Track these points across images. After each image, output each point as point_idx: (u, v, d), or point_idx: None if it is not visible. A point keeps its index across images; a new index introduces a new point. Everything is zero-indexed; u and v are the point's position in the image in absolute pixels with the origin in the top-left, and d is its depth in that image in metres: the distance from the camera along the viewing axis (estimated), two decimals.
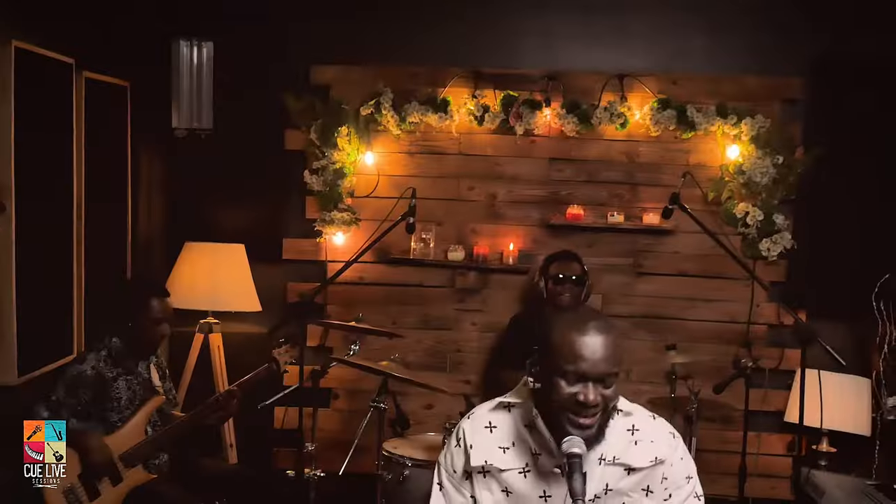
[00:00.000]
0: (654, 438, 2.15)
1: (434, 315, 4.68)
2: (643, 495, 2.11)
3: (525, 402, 2.14)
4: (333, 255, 4.64)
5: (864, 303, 4.25)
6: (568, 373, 1.96)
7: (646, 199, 4.61)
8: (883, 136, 4.31)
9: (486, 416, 2.17)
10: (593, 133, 4.56)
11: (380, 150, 4.63)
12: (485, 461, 2.10)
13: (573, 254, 4.30)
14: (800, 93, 4.51)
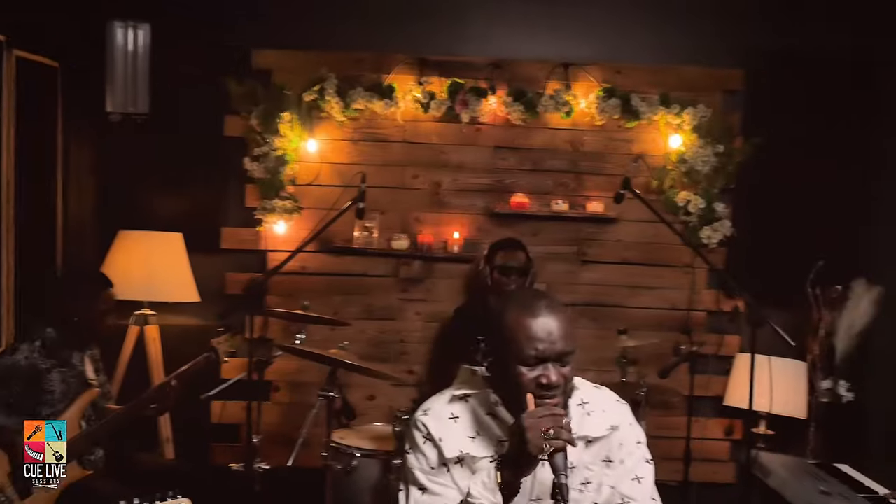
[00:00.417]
0: (604, 408, 2.17)
1: (378, 305, 4.62)
2: (604, 467, 2.11)
3: (481, 392, 2.12)
4: (274, 244, 4.53)
5: (800, 289, 4.35)
6: (528, 357, 1.96)
7: (590, 188, 4.63)
8: (818, 126, 4.41)
9: (445, 408, 2.13)
10: (538, 121, 4.56)
11: (323, 138, 4.54)
12: (460, 451, 2.06)
13: (518, 242, 4.30)
14: (740, 84, 4.59)
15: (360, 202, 3.67)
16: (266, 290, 3.49)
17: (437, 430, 2.08)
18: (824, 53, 4.43)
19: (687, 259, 4.61)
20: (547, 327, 1.96)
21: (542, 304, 2.00)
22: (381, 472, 3.59)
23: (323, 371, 4.33)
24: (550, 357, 1.96)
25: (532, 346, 1.95)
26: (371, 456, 3.61)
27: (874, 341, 4.29)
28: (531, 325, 1.96)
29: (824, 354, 4.41)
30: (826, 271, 4.32)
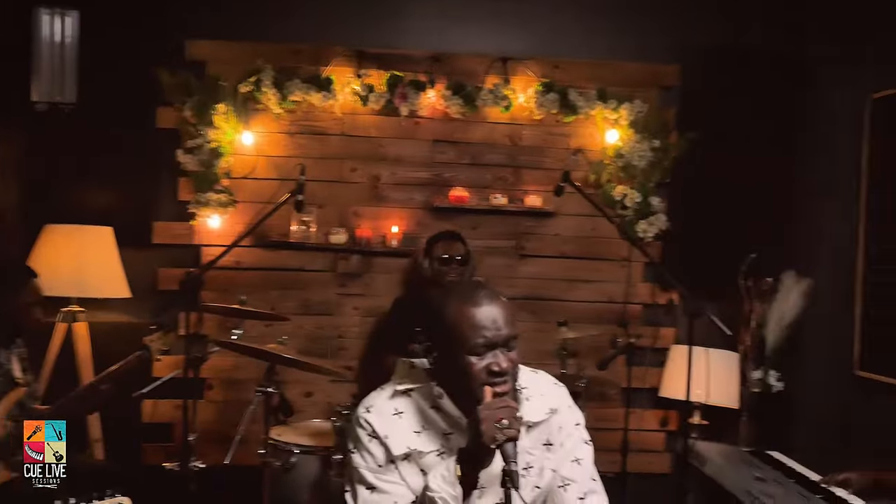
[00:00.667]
0: (542, 392, 2.18)
1: (315, 300, 4.56)
2: (545, 451, 2.11)
3: (423, 386, 2.10)
4: (208, 238, 4.44)
5: (733, 281, 4.44)
6: (476, 346, 1.95)
7: (528, 182, 4.65)
8: (751, 122, 4.50)
9: (388, 404, 2.10)
10: (477, 115, 4.56)
11: (259, 130, 4.47)
12: (407, 447, 2.03)
13: (457, 234, 4.28)
14: (675, 79, 4.66)
15: (298, 195, 3.60)
16: (202, 284, 3.39)
17: (381, 427, 2.05)
18: (758, 50, 4.53)
19: (623, 253, 4.66)
20: (491, 315, 1.97)
21: (482, 293, 2.01)
22: (320, 468, 3.54)
23: (259, 368, 4.26)
24: (498, 343, 1.96)
25: (479, 335, 1.95)
26: (310, 452, 3.56)
27: (803, 332, 4.40)
28: (475, 314, 1.97)
29: (755, 345, 4.51)
30: (758, 264, 4.41)
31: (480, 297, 1.99)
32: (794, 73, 4.54)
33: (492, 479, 1.98)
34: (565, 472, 2.13)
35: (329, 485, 3.52)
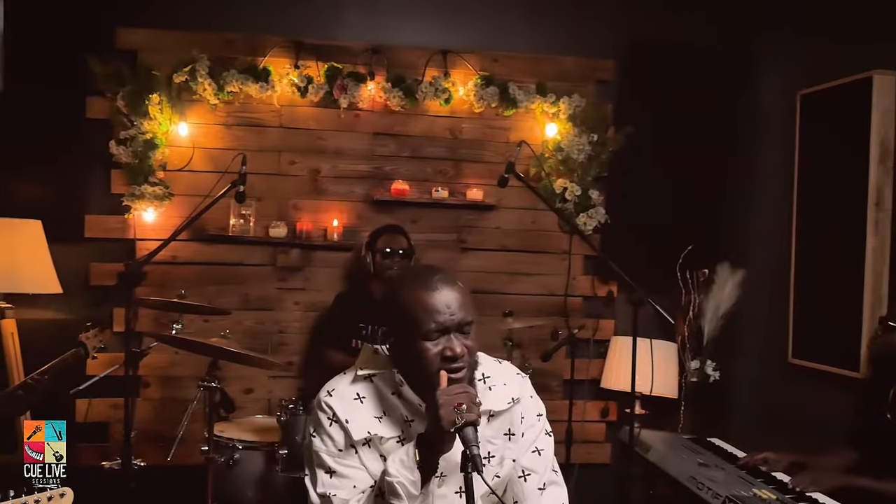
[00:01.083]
0: (505, 381, 2.18)
1: (254, 295, 4.47)
2: (506, 440, 2.11)
3: (385, 372, 2.08)
4: (143, 232, 4.31)
5: (670, 273, 4.52)
6: (430, 331, 1.94)
7: (469, 175, 4.65)
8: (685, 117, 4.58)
9: (350, 388, 2.08)
10: (417, 108, 4.54)
11: (194, 122, 4.36)
12: (367, 432, 2.01)
13: (399, 227, 4.27)
14: (611, 74, 4.72)
15: (240, 185, 3.53)
16: (143, 277, 3.29)
17: (343, 411, 2.02)
18: (691, 46, 4.61)
19: (564, 246, 4.70)
20: (444, 299, 1.95)
21: (436, 277, 1.99)
22: (264, 464, 3.48)
23: (196, 364, 4.20)
24: (451, 328, 1.95)
25: (432, 319, 1.93)
26: (254, 448, 3.49)
27: (739, 323, 4.51)
28: (429, 298, 1.95)
29: (693, 336, 4.61)
30: (695, 256, 4.51)
31: (435, 281, 1.97)
32: (728, 69, 4.64)
33: (452, 466, 1.97)
34: (526, 463, 2.13)
35: (274, 480, 3.47)
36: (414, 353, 1.97)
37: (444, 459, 1.99)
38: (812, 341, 4.04)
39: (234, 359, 3.46)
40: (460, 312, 1.96)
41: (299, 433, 3.37)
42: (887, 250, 3.64)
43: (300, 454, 3.35)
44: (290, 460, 3.38)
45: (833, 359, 3.85)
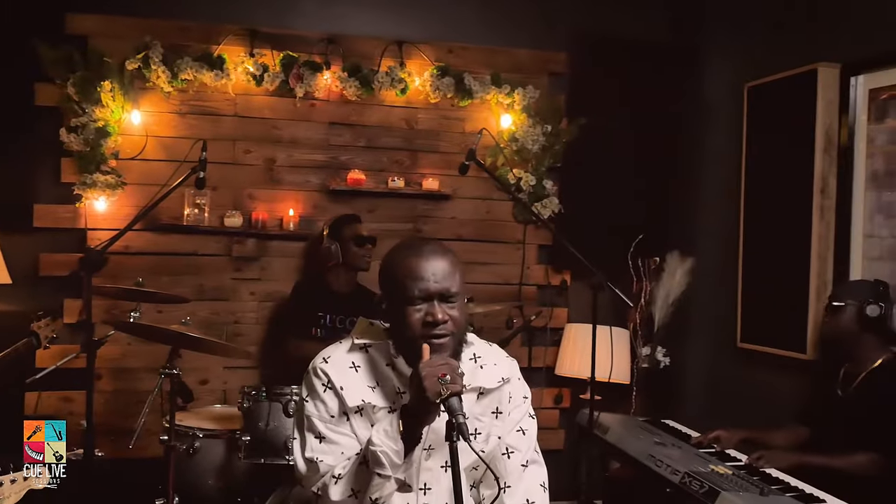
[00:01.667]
0: (496, 361, 2.22)
1: (209, 285, 4.43)
2: (493, 418, 2.14)
3: (381, 343, 2.11)
4: (94, 222, 4.24)
5: (622, 261, 4.61)
6: (413, 297, 1.97)
7: (424, 165, 4.67)
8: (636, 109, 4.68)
9: (346, 357, 2.10)
10: (373, 98, 4.55)
11: (147, 110, 4.30)
12: (361, 400, 2.03)
13: (358, 217, 4.30)
14: (564, 67, 4.79)
15: (200, 171, 3.50)
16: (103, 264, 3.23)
17: (338, 378, 2.05)
18: (642, 39, 4.71)
19: (518, 236, 4.77)
20: (431, 266, 1.99)
21: (427, 246, 2.04)
22: (225, 451, 3.46)
23: (150, 355, 4.18)
24: (433, 294, 1.98)
25: (415, 285, 1.97)
26: (214, 436, 3.47)
27: (689, 309, 4.62)
28: (414, 264, 1.99)
29: (644, 323, 4.72)
30: (646, 245, 4.61)
31: (423, 249, 2.02)
32: (677, 62, 4.75)
33: (439, 439, 2.00)
34: (510, 441, 2.17)
35: (235, 467, 3.45)
36: (399, 318, 2.00)
37: (432, 432, 2.02)
38: (760, 326, 4.17)
39: (196, 346, 3.43)
40: (444, 281, 1.99)
41: (262, 419, 3.36)
42: (832, 236, 3.78)
43: (263, 441, 3.35)
44: (252, 447, 3.36)
45: (781, 342, 3.98)
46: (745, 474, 2.98)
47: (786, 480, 2.95)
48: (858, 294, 3.27)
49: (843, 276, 3.69)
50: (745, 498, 2.68)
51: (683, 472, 2.94)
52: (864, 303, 3.22)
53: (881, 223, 3.56)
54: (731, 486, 2.79)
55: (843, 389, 3.30)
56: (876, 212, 3.59)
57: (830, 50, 3.81)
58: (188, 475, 3.39)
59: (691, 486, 2.86)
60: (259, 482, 3.43)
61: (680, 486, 2.91)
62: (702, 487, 2.81)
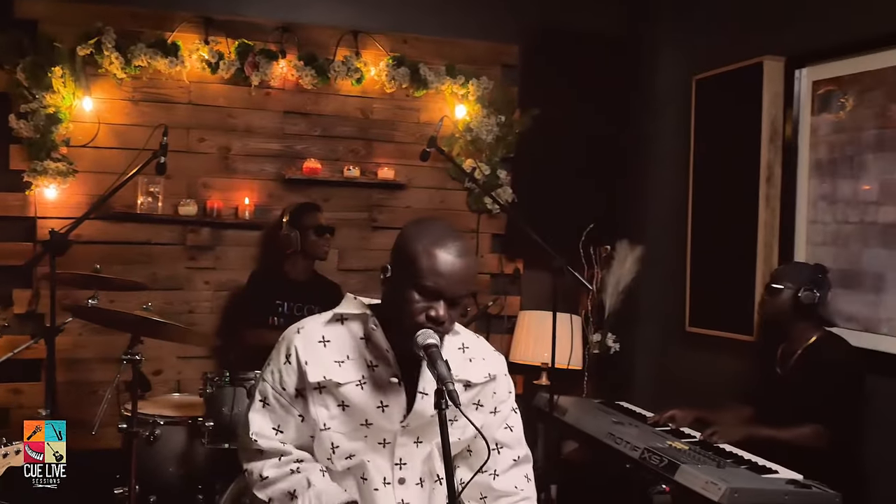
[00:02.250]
0: (485, 356, 2.22)
1: (163, 274, 4.38)
2: (473, 409, 2.16)
3: (360, 315, 2.12)
4: (44, 210, 4.16)
5: (574, 250, 4.70)
6: (425, 287, 1.95)
7: (380, 155, 4.70)
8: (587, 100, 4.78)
9: (319, 330, 2.11)
10: (328, 88, 4.56)
11: (100, 96, 4.23)
12: (323, 376, 2.04)
13: (318, 205, 4.31)
14: (516, 59, 4.87)
15: (161, 156, 3.47)
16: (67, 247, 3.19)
17: (304, 352, 2.06)
18: (592, 32, 4.81)
19: (472, 225, 4.83)
20: (453, 266, 1.95)
21: (456, 243, 1.98)
22: (186, 438, 3.45)
23: (102, 346, 4.16)
24: (446, 295, 1.96)
25: (433, 279, 1.94)
26: (175, 423, 3.45)
27: (640, 296, 4.75)
28: (438, 257, 1.94)
29: (595, 310, 4.83)
30: (597, 233, 4.72)
31: (452, 245, 1.97)
32: (627, 54, 4.86)
33: (416, 416, 2.06)
34: (500, 437, 2.20)
35: (196, 454, 3.44)
36: (402, 297, 1.98)
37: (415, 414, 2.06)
38: (708, 310, 4.31)
39: (158, 333, 3.37)
40: (460, 285, 1.97)
41: (226, 405, 3.35)
42: (777, 223, 3.93)
43: (227, 426, 3.34)
44: (216, 432, 3.35)
45: (728, 325, 4.12)
46: (701, 449, 3.09)
47: (739, 454, 3.07)
48: (797, 278, 3.40)
49: (788, 261, 3.83)
50: (703, 470, 2.78)
51: (643, 447, 3.04)
52: (800, 287, 3.36)
53: (824, 210, 3.72)
54: (689, 460, 2.89)
55: (781, 368, 3.45)
56: (819, 199, 3.75)
57: (775, 43, 3.96)
58: (148, 463, 3.36)
59: (651, 460, 2.95)
60: (220, 469, 3.41)
61: (640, 461, 3.01)
62: (661, 462, 2.90)
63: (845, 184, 3.61)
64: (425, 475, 2.14)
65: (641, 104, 4.85)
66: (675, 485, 2.81)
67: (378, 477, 2.09)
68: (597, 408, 3.79)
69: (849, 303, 3.55)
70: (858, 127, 3.55)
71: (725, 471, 2.82)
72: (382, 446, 2.09)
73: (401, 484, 2.10)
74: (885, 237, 3.42)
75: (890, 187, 3.41)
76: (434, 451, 2.13)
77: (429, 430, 2.11)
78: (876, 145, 3.47)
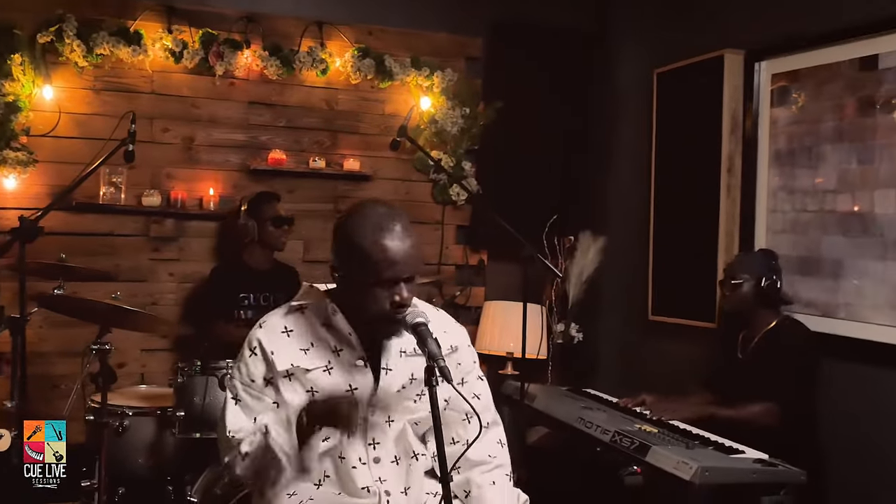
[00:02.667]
0: (445, 328, 2.27)
1: (126, 266, 4.32)
2: (441, 382, 2.19)
3: (318, 302, 2.15)
4: (2, 201, 4.09)
5: (537, 241, 4.75)
6: (385, 279, 1.99)
7: (344, 146, 4.70)
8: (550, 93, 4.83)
9: (280, 321, 2.15)
10: (293, 79, 4.55)
11: (60, 85, 4.16)
12: (290, 363, 2.08)
13: (277, 195, 4.30)
14: (480, 52, 4.91)
15: (130, 144, 3.43)
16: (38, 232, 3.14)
17: (269, 343, 2.10)
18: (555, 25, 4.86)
19: (437, 216, 4.86)
20: (403, 251, 2.00)
21: (398, 225, 2.02)
22: (155, 429, 3.42)
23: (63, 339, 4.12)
24: (402, 277, 2.01)
25: (390, 269, 1.98)
26: (144, 413, 3.42)
27: (603, 286, 4.82)
28: (388, 247, 1.99)
29: (559, 300, 4.89)
30: (561, 224, 4.77)
31: (395, 230, 2.01)
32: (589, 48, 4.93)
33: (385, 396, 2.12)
34: (467, 407, 2.20)
35: (165, 445, 3.41)
36: (362, 293, 2.02)
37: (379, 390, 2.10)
38: (670, 299, 4.39)
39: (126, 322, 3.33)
40: (413, 266, 2.03)
41: (198, 394, 3.33)
42: (737, 212, 4.02)
43: (199, 416, 3.32)
44: (187, 422, 3.33)
45: (690, 313, 4.21)
46: (669, 432, 3.15)
47: (706, 436, 3.13)
48: (754, 269, 3.50)
49: (748, 249, 3.93)
50: (674, 451, 2.84)
51: (613, 430, 3.09)
52: (760, 278, 3.46)
53: (784, 199, 3.82)
54: (659, 442, 2.95)
55: (742, 352, 3.54)
56: (779, 189, 3.85)
57: (735, 37, 4.05)
58: (117, 455, 3.31)
59: (622, 443, 3.01)
60: (190, 460, 3.40)
61: (610, 444, 3.06)
62: (632, 444, 2.96)
63: (804, 174, 3.72)
64: (401, 453, 2.18)
65: (604, 97, 4.93)
66: (647, 466, 2.88)
67: (354, 456, 2.13)
68: (565, 394, 3.85)
69: (807, 289, 3.66)
70: (816, 119, 3.65)
71: (695, 451, 2.89)
72: None
73: (376, 463, 2.14)
74: (843, 225, 3.53)
75: (847, 177, 3.52)
76: (407, 427, 2.18)
77: (398, 408, 2.16)
78: (834, 136, 3.57)
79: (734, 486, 2.75)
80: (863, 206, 3.45)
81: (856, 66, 3.48)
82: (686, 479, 2.69)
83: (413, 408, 2.20)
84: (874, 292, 3.39)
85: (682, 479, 2.70)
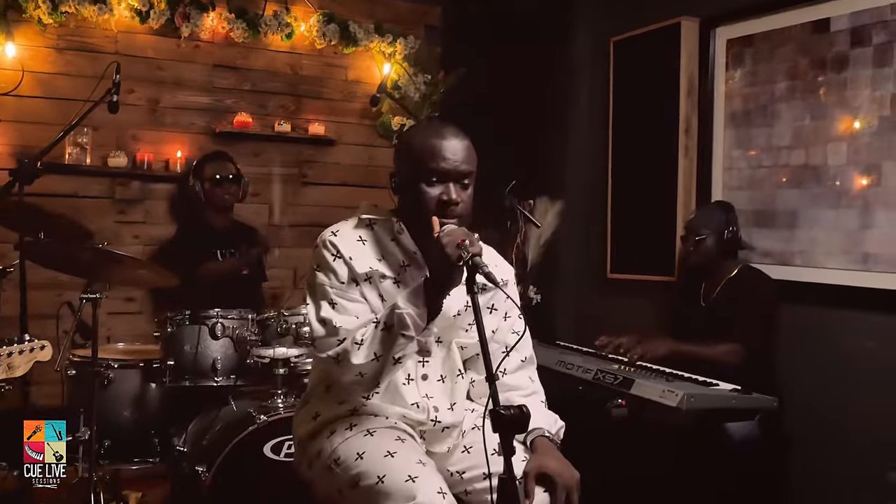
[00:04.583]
0: (496, 263, 2.34)
1: (91, 228, 4.22)
2: (488, 313, 2.27)
3: (385, 219, 2.20)
4: None
5: (498, 206, 4.88)
6: (431, 171, 2.06)
7: (308, 111, 4.74)
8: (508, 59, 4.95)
9: (353, 231, 2.19)
10: (258, 43, 4.57)
11: (22, 43, 4.09)
12: (370, 267, 2.13)
13: (225, 153, 4.30)
14: (438, 20, 5.00)
15: (114, 94, 3.40)
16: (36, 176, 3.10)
17: (346, 249, 2.13)
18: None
19: None
20: (453, 147, 2.08)
21: (448, 128, 2.12)
22: (140, 381, 3.42)
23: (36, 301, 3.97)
24: (452, 175, 2.07)
25: (436, 164, 2.06)
26: (130, 366, 3.41)
27: (559, 248, 4.97)
28: (437, 144, 2.07)
29: (519, 263, 5.02)
30: (521, 189, 4.90)
31: (445, 131, 2.10)
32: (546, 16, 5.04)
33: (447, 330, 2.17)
34: (509, 341, 2.31)
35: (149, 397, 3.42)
36: (413, 195, 2.08)
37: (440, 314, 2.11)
38: (629, 256, 4.57)
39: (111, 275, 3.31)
40: (464, 163, 2.09)
41: (188, 343, 3.34)
42: (694, 170, 4.23)
43: (190, 364, 3.33)
44: (178, 371, 3.34)
45: (650, 269, 4.40)
46: (646, 370, 3.32)
47: (680, 373, 3.31)
48: (714, 223, 3.69)
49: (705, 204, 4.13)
50: (657, 382, 3.00)
51: (596, 369, 3.24)
52: (722, 231, 3.66)
53: (739, 157, 4.04)
54: (641, 377, 3.11)
55: (705, 301, 3.74)
56: (734, 147, 4.07)
57: (690, 5, 4.25)
58: (102, 408, 3.30)
59: (605, 379, 3.16)
60: (176, 410, 3.41)
61: (593, 381, 3.20)
62: (616, 379, 3.11)
63: (759, 132, 3.94)
64: (447, 371, 2.25)
65: (562, 63, 5.06)
66: (631, 398, 3.02)
67: (402, 374, 2.18)
68: (537, 345, 3.95)
69: (764, 239, 3.89)
70: (771, 80, 3.88)
71: (674, 384, 3.05)
72: None
73: (424, 380, 2.21)
74: (797, 177, 3.76)
75: (801, 133, 3.75)
76: (454, 348, 2.26)
77: (449, 331, 2.23)
78: (788, 95, 3.81)
79: (716, 412, 2.93)
80: (816, 159, 3.69)
81: (808, 30, 3.71)
82: (673, 406, 2.84)
83: (463, 334, 2.27)
84: (828, 239, 3.63)
85: (668, 406, 2.86)
